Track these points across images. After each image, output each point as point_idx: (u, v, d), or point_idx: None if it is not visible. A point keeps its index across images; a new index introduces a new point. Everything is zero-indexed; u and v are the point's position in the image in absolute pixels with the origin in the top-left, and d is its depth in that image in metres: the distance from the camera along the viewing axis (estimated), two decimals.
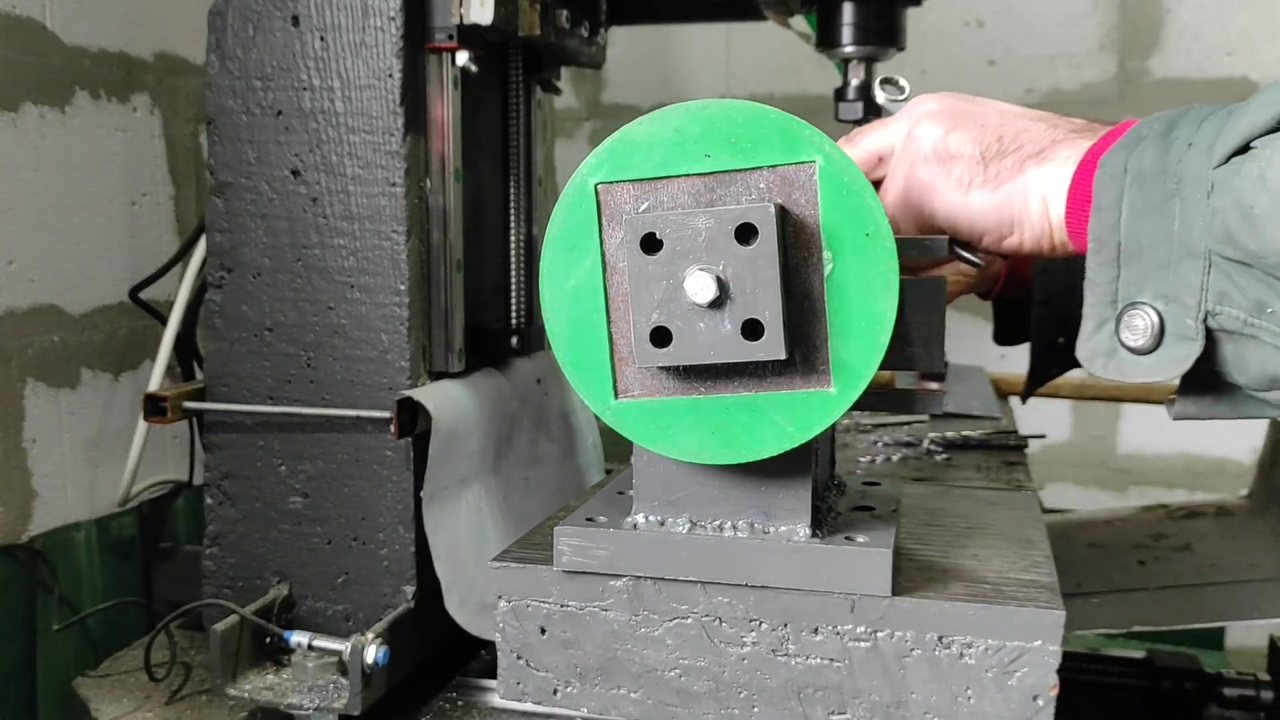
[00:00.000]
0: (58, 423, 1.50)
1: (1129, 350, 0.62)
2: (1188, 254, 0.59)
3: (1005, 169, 0.69)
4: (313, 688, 1.07)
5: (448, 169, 1.13)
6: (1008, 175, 0.68)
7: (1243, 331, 0.59)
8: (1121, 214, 0.61)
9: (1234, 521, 1.43)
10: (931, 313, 0.74)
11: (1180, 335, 0.60)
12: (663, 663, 0.71)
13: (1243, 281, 0.58)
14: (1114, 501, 2.43)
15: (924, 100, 0.75)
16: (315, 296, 1.13)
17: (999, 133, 0.70)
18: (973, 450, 1.33)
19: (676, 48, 2.61)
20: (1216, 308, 0.59)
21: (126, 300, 1.53)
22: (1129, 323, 0.62)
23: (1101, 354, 0.63)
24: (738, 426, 0.66)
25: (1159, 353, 0.61)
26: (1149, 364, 0.62)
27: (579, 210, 0.67)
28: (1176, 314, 0.60)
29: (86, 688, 1.18)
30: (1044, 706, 0.65)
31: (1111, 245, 0.62)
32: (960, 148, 0.70)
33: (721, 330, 0.63)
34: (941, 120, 0.72)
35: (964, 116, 0.72)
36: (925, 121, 0.73)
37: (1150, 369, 0.62)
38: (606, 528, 0.71)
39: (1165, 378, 0.61)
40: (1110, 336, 0.63)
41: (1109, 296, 0.63)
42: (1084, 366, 0.64)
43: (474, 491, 1.19)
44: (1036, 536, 0.80)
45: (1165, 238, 0.60)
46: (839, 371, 0.64)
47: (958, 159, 0.70)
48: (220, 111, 1.14)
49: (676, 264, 0.63)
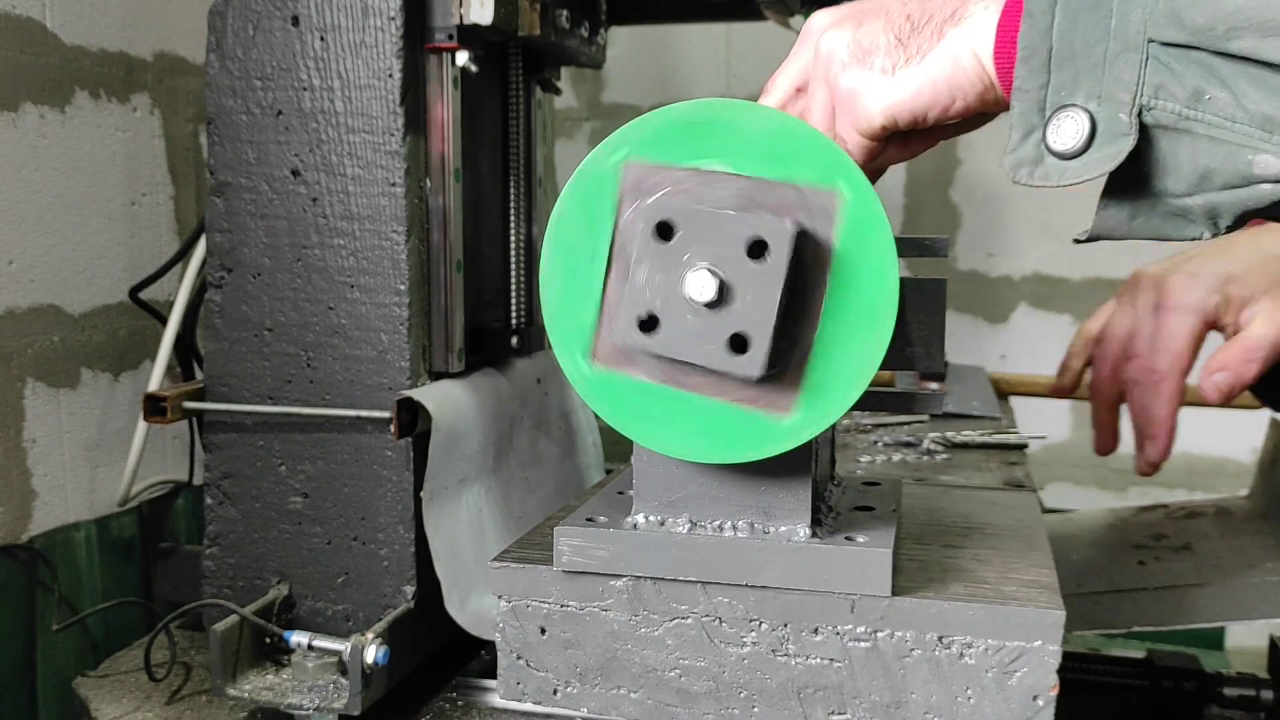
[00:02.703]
0: (58, 423, 1.50)
1: (1056, 156, 0.61)
2: (1124, 49, 0.59)
3: (925, 41, 0.67)
4: (313, 688, 1.07)
5: (448, 169, 1.13)
6: (929, 45, 0.67)
7: (1177, 126, 0.58)
8: (1054, 18, 0.60)
9: (1234, 521, 1.43)
10: (931, 313, 0.74)
11: (1113, 133, 0.60)
12: (663, 663, 0.71)
13: (1181, 69, 0.58)
14: (1114, 501, 2.43)
15: (818, 15, 0.73)
16: (315, 296, 1.13)
17: (905, 12, 0.68)
18: (973, 450, 1.33)
19: (676, 48, 2.61)
20: (1152, 101, 0.59)
21: (126, 300, 1.53)
22: (1058, 127, 0.61)
23: (1028, 163, 0.62)
24: (697, 424, 0.66)
25: (1089, 153, 0.60)
26: (1077, 166, 0.61)
27: (603, 181, 0.66)
28: (1109, 112, 0.60)
29: (86, 688, 1.18)
30: (1044, 706, 0.65)
31: (1043, 51, 0.61)
32: (873, 40, 0.69)
33: (709, 334, 0.63)
34: (844, 24, 0.71)
35: (864, 12, 0.71)
36: (829, 33, 0.71)
37: (1079, 170, 0.61)
38: (606, 528, 0.71)
39: (1093, 176, 0.60)
40: (1037, 144, 0.62)
41: (1037, 104, 0.62)
42: (1009, 176, 0.63)
43: (474, 491, 1.19)
44: (1036, 536, 0.80)
45: (1101, 36, 0.59)
46: (807, 403, 0.65)
47: (874, 52, 0.69)
48: (220, 111, 1.14)
49: (683, 257, 0.63)
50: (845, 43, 0.70)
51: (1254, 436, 1.56)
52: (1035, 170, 0.62)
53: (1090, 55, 0.60)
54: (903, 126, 0.70)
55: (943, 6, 0.67)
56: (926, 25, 0.67)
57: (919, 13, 0.68)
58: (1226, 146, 0.58)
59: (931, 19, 0.67)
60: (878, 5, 0.71)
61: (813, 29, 0.73)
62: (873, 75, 0.69)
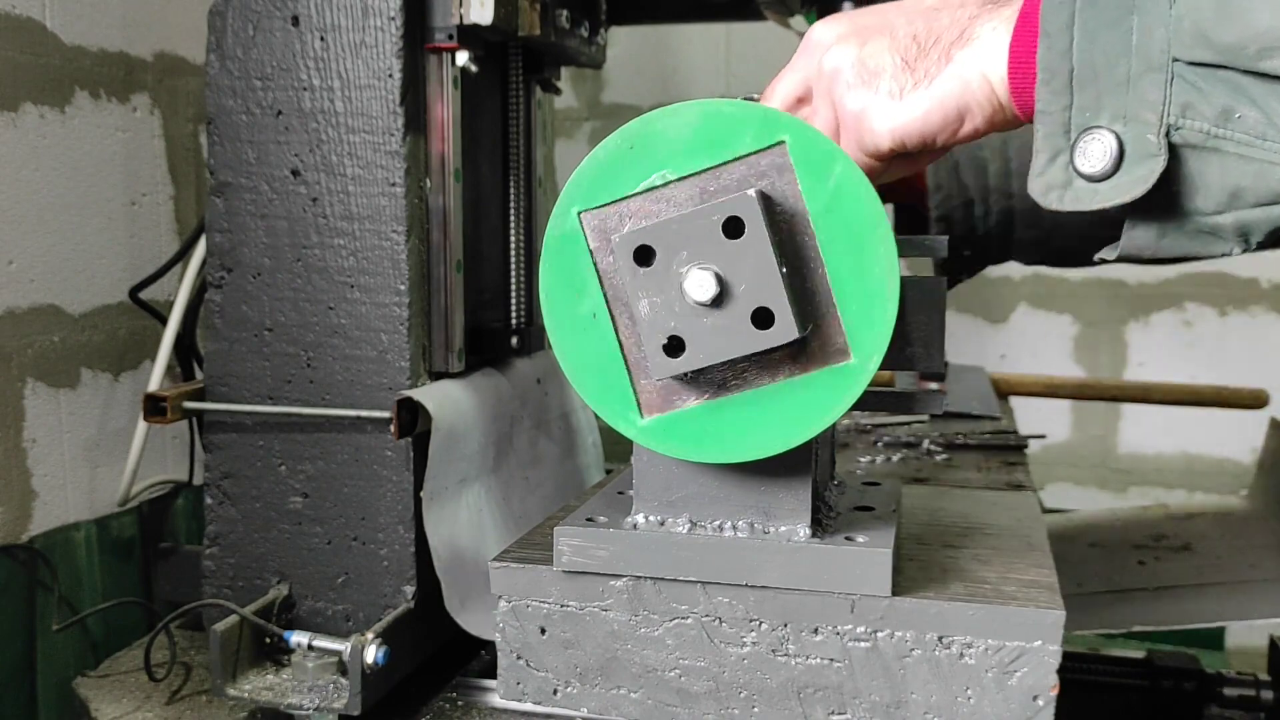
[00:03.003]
0: (58, 423, 1.50)
1: (1085, 179, 0.60)
2: (1148, 69, 0.58)
3: (932, 64, 0.66)
4: (313, 688, 1.07)
5: (448, 169, 1.13)
6: (937, 69, 0.66)
7: (1205, 145, 0.57)
8: (1073, 38, 0.59)
9: (1234, 521, 1.43)
10: (931, 313, 0.74)
11: (1141, 154, 0.58)
12: (663, 663, 0.71)
13: (1208, 88, 0.57)
14: (1114, 501, 2.43)
15: (821, 28, 0.72)
16: (315, 296, 1.13)
17: (911, 32, 0.67)
18: (973, 450, 1.33)
19: (676, 48, 2.61)
20: (1179, 121, 0.58)
21: (126, 300, 1.53)
22: (1084, 150, 0.60)
23: (1057, 187, 0.61)
24: (763, 419, 0.66)
25: (1118, 176, 0.59)
26: (1107, 189, 0.60)
27: (569, 244, 0.67)
28: (1136, 133, 0.58)
29: (86, 688, 1.18)
30: (1044, 706, 0.65)
31: (1063, 72, 0.60)
32: (879, 62, 0.68)
33: (731, 325, 0.63)
34: (849, 41, 0.70)
35: (869, 30, 0.70)
36: (834, 49, 0.70)
37: (1109, 194, 0.60)
38: (606, 528, 0.71)
39: (1125, 200, 0.59)
40: (1065, 167, 0.61)
41: (1061, 126, 0.61)
42: (1040, 202, 0.62)
43: (474, 491, 1.20)
44: (1036, 536, 0.80)
45: (1122, 55, 0.58)
46: (857, 339, 0.64)
47: (881, 74, 0.68)
48: (220, 111, 1.14)
49: (673, 270, 0.63)
50: (851, 62, 0.69)
51: (1254, 436, 1.56)
52: (1065, 194, 0.61)
53: (1112, 75, 0.59)
54: (911, 150, 0.69)
55: (950, 27, 0.66)
56: (934, 47, 0.66)
57: (925, 33, 0.67)
58: (1257, 165, 0.57)
59: (939, 40, 0.66)
60: (882, 21, 0.70)
61: (816, 42, 0.72)
62: (879, 98, 0.68)
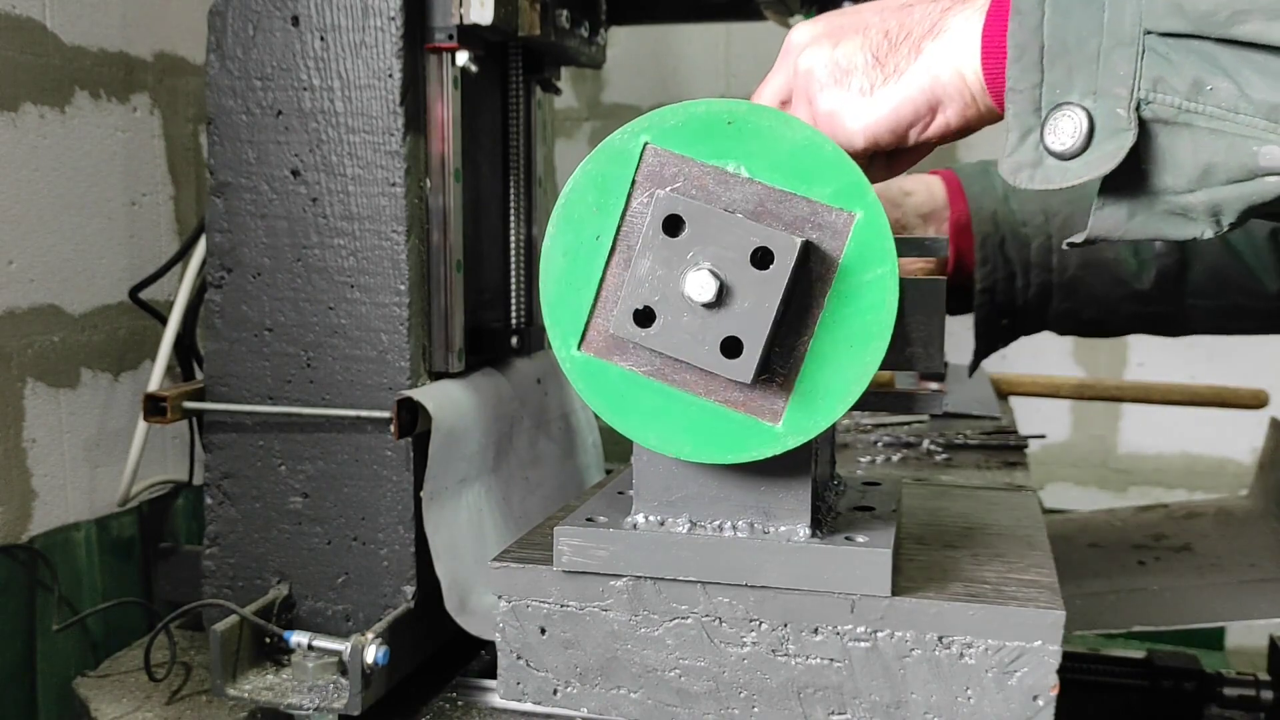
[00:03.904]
0: (58, 423, 1.50)
1: (1056, 157, 0.60)
2: (1118, 43, 0.57)
3: (902, 59, 0.66)
4: (313, 688, 1.07)
5: (448, 169, 1.13)
6: (907, 62, 0.66)
7: (1177, 120, 0.57)
8: (1044, 14, 0.59)
9: (1234, 521, 1.43)
10: (931, 313, 0.74)
11: (1111, 129, 0.58)
12: (663, 663, 0.71)
13: (1179, 59, 0.56)
14: (1114, 501, 2.43)
15: (798, 31, 0.72)
16: (315, 296, 1.13)
17: (883, 29, 0.67)
18: (973, 450, 1.33)
19: (676, 48, 2.61)
20: (1150, 95, 0.57)
21: (126, 300, 1.53)
22: (1055, 127, 0.59)
23: (1027, 165, 0.61)
24: (672, 419, 0.67)
25: (1088, 152, 0.59)
26: (1077, 166, 0.59)
27: (620, 162, 0.66)
28: (1107, 108, 0.58)
29: (86, 688, 1.18)
30: (1044, 706, 0.65)
31: (1034, 48, 0.59)
32: (851, 60, 0.68)
33: (704, 334, 0.63)
34: (823, 42, 0.70)
35: (842, 30, 0.70)
36: (808, 50, 0.70)
37: (1079, 170, 0.59)
38: (606, 528, 0.71)
39: (1094, 176, 0.59)
40: (1035, 146, 0.60)
41: (1032, 104, 0.60)
42: (1009, 181, 0.62)
43: (474, 491, 1.20)
44: (1036, 536, 0.80)
45: (1094, 29, 0.58)
46: (795, 412, 0.65)
47: (852, 72, 0.68)
48: (220, 111, 1.14)
49: (689, 255, 0.63)
50: (823, 62, 0.69)
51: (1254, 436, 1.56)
52: (1035, 173, 0.61)
53: (1083, 50, 0.58)
54: (885, 146, 0.69)
55: (921, 20, 0.66)
56: (904, 41, 0.66)
57: (897, 29, 0.67)
58: (1229, 139, 0.56)
59: (910, 34, 0.66)
60: (857, 20, 0.69)
61: (792, 44, 0.72)
62: (850, 96, 0.68)
